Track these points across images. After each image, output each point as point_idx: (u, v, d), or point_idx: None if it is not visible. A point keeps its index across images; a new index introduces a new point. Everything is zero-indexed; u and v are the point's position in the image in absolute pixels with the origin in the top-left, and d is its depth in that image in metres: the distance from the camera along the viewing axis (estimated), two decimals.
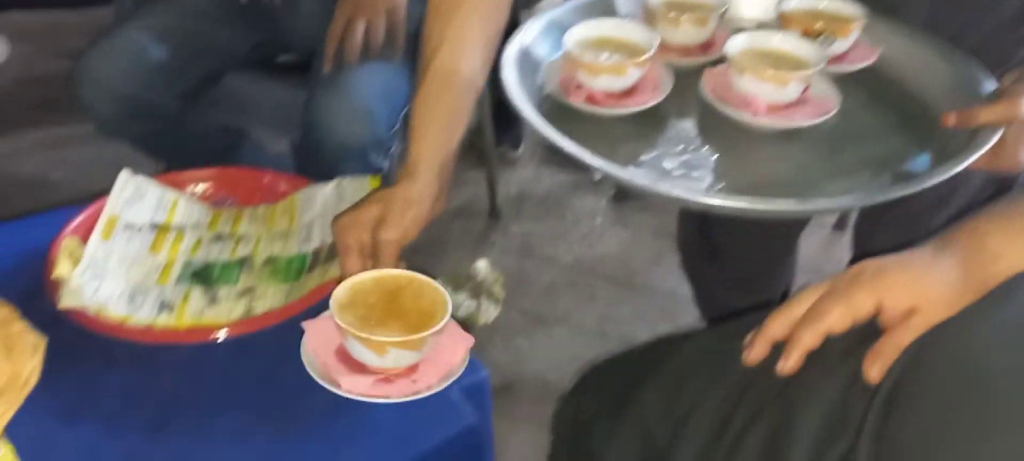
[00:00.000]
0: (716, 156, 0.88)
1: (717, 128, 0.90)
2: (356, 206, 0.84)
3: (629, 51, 0.93)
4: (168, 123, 1.34)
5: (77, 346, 0.81)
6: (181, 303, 0.90)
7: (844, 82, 0.94)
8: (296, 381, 0.75)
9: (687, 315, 1.59)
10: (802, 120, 0.89)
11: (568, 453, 0.72)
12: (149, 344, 0.84)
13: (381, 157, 1.26)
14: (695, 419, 0.62)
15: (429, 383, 0.76)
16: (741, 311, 0.70)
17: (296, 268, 0.95)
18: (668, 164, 0.86)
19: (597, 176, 1.98)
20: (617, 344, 1.47)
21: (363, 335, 0.74)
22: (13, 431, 0.72)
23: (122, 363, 0.83)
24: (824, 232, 1.90)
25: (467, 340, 0.79)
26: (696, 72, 0.95)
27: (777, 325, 0.62)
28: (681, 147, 0.88)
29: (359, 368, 0.76)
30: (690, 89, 0.94)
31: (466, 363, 0.78)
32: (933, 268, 0.60)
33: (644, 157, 0.87)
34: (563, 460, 0.73)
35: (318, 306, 0.88)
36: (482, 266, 2.01)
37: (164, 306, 0.90)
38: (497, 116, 1.83)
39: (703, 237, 1.26)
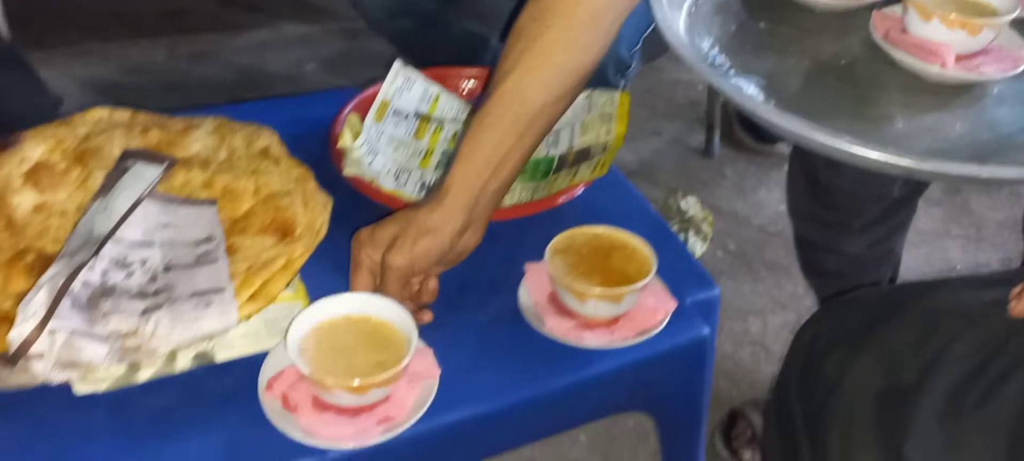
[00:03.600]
0: (892, 111, 0.78)
1: (891, 80, 0.80)
2: (378, 222, 0.79)
3: None
4: (425, 22, 1.43)
5: (352, 209, 0.91)
6: None
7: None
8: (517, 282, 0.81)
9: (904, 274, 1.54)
10: (994, 72, 0.77)
11: (800, 377, 0.75)
12: None
13: (619, 76, 1.29)
14: (948, 360, 0.62)
15: (625, 336, 0.81)
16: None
17: (542, 169, 1.01)
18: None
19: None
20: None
21: (567, 280, 0.79)
22: (303, 273, 0.83)
23: None
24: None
25: (670, 303, 0.83)
26: (853, 14, 0.86)
27: None
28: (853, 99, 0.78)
29: (564, 312, 0.82)
30: (855, 32, 0.84)
31: (664, 325, 0.82)
32: None
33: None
34: (793, 384, 0.76)
35: (562, 206, 0.94)
36: (693, 202, 2.02)
37: (425, 187, 0.99)
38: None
39: (818, 202, 1.20)
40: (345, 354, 0.72)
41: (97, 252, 0.71)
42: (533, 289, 0.85)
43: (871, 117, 0.77)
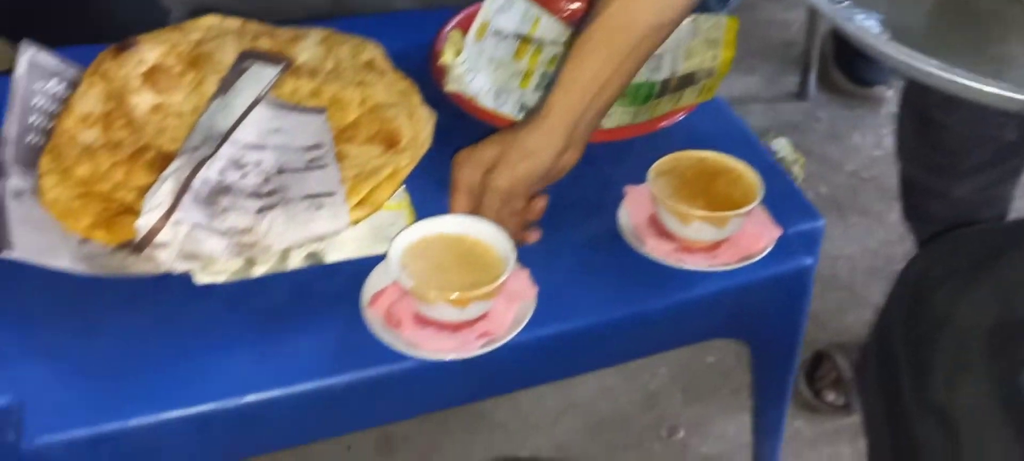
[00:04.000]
0: (1013, 51, 0.75)
1: (1016, 18, 0.77)
2: (478, 142, 0.80)
3: None
4: None
5: (453, 126, 0.92)
6: None
7: None
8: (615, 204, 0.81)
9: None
10: None
11: (908, 307, 0.73)
12: None
13: (720, 4, 1.26)
14: None
15: (726, 261, 0.80)
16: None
17: (643, 94, 1.00)
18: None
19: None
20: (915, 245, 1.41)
21: (670, 202, 0.78)
22: (406, 184, 0.84)
23: None
24: None
25: (774, 231, 0.81)
26: None
27: None
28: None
29: (664, 234, 0.81)
30: None
31: (768, 251, 0.81)
32: None
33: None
34: (897, 319, 0.74)
35: (663, 131, 0.93)
36: (784, 143, 1.97)
37: (524, 108, 0.99)
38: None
39: (928, 142, 1.16)
40: (443, 272, 0.73)
41: (218, 148, 0.73)
42: (633, 211, 0.84)
43: (991, 54, 0.74)
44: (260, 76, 0.80)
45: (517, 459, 1.27)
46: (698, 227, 0.79)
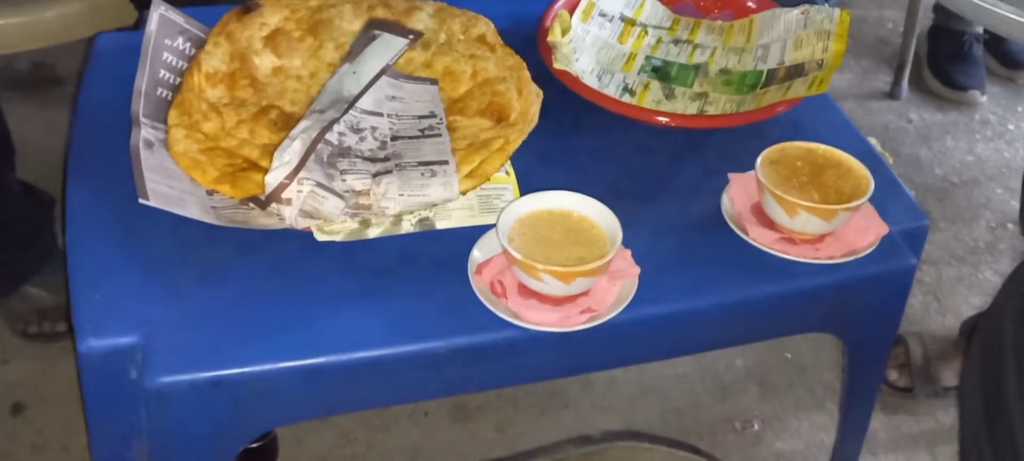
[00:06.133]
0: None
1: None
2: None
3: None
4: None
5: (558, 103, 0.93)
6: (641, 91, 0.99)
7: None
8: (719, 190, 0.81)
9: None
10: None
11: (1018, 307, 0.72)
12: (615, 115, 0.94)
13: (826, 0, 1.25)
14: None
15: (830, 254, 0.79)
16: None
17: (750, 83, 0.99)
18: None
19: None
20: (1007, 258, 1.38)
21: (778, 192, 0.78)
22: (512, 158, 0.85)
23: (590, 126, 0.94)
24: None
25: (881, 227, 0.81)
26: None
27: None
28: None
29: (768, 223, 0.81)
30: None
31: (873, 248, 0.80)
32: None
33: None
34: (1007, 313, 0.73)
35: (767, 121, 0.93)
36: (873, 143, 1.94)
37: (627, 90, 0.99)
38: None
39: None
40: (549, 246, 0.74)
41: (346, 112, 0.75)
42: (737, 198, 0.84)
43: None
44: (389, 44, 0.82)
45: (589, 437, 1.28)
46: (805, 218, 0.79)
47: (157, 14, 0.84)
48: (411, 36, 0.84)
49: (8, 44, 1.19)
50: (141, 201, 0.71)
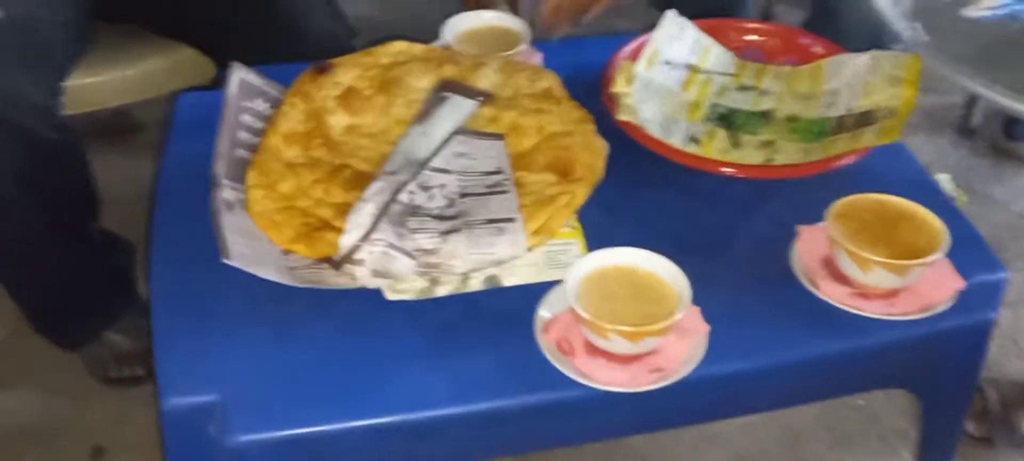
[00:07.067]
0: None
1: None
2: None
3: None
4: None
5: (622, 154, 0.93)
6: (707, 140, 0.99)
7: None
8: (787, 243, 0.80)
9: None
10: None
11: None
12: (680, 165, 0.94)
13: (893, 38, 1.22)
14: None
15: (905, 310, 0.78)
16: None
17: (817, 130, 0.98)
18: None
19: None
20: None
21: (849, 247, 0.77)
22: (578, 213, 0.86)
23: (656, 177, 0.94)
24: None
25: (957, 282, 0.79)
26: None
27: None
28: None
29: (840, 278, 0.80)
30: None
31: (950, 304, 0.78)
32: None
33: None
34: None
35: (835, 172, 0.92)
36: (944, 179, 1.89)
37: (692, 139, 0.99)
38: None
39: None
40: (616, 303, 0.74)
41: (417, 174, 0.77)
42: (806, 252, 0.83)
43: None
44: (460, 107, 0.83)
45: None
46: (878, 274, 0.78)
47: (237, 78, 0.87)
48: (480, 98, 0.86)
49: (94, 101, 1.25)
50: (224, 260, 0.73)
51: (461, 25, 1.03)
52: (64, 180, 1.15)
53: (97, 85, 1.24)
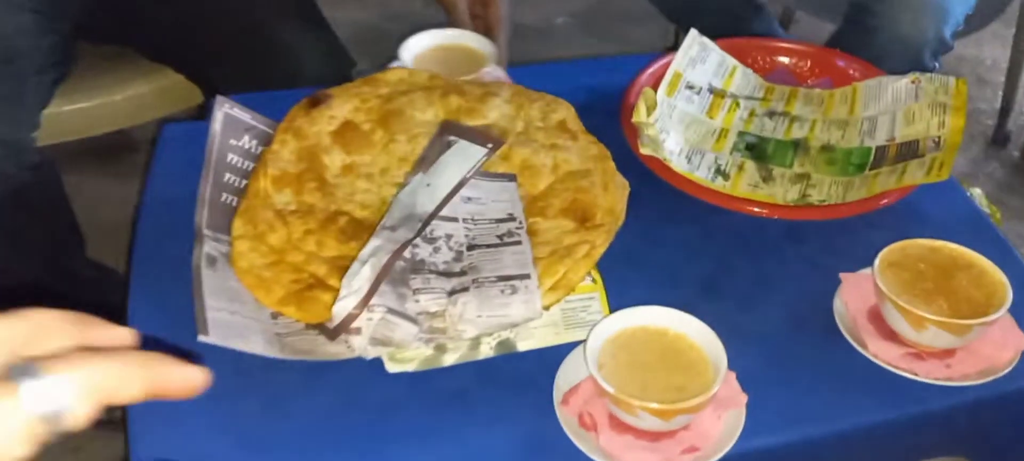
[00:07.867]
0: None
1: None
2: None
3: None
4: None
5: (644, 190, 0.85)
6: (736, 173, 0.91)
7: None
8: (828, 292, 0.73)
9: None
10: None
11: None
12: (706, 203, 0.86)
13: (935, 59, 1.14)
14: None
15: (964, 373, 0.70)
16: None
17: (856, 161, 0.90)
18: None
19: None
20: None
21: (901, 303, 0.69)
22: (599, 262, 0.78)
23: (681, 215, 0.86)
24: None
25: (1020, 340, 0.71)
26: None
27: None
28: None
29: (890, 335, 0.72)
30: None
31: (1014, 364, 0.71)
32: None
33: None
34: None
35: (881, 211, 0.84)
36: (978, 194, 1.80)
37: (719, 172, 0.91)
38: None
39: None
40: (642, 371, 0.66)
41: (420, 232, 0.69)
42: (851, 303, 0.75)
43: None
44: (467, 154, 0.75)
45: None
46: (934, 333, 0.70)
47: (222, 113, 0.79)
48: (489, 146, 0.78)
49: (80, 129, 1.19)
50: (201, 338, 0.65)
51: (419, 45, 0.93)
52: (41, 222, 1.07)
53: (84, 112, 1.17)
